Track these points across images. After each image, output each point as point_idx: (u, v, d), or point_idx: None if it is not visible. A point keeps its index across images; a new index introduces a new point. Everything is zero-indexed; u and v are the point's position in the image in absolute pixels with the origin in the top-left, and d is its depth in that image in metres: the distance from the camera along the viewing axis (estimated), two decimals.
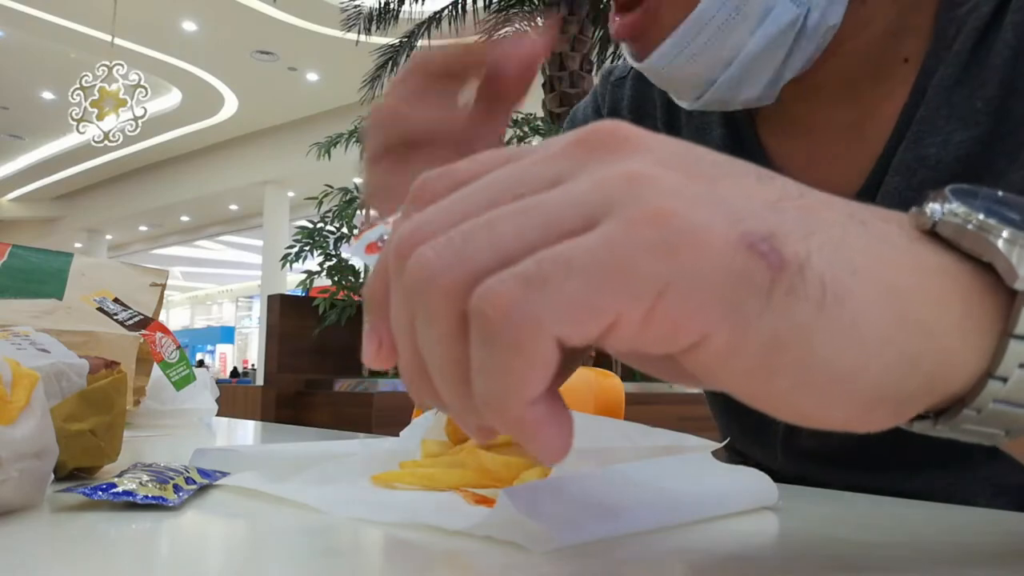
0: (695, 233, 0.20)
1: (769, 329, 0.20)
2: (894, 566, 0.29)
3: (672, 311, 0.20)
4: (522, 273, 0.20)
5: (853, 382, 0.21)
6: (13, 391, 0.33)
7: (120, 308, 0.80)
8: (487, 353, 0.20)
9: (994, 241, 0.22)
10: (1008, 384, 0.22)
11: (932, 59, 0.51)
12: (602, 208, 0.20)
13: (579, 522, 0.29)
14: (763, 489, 0.39)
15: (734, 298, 0.20)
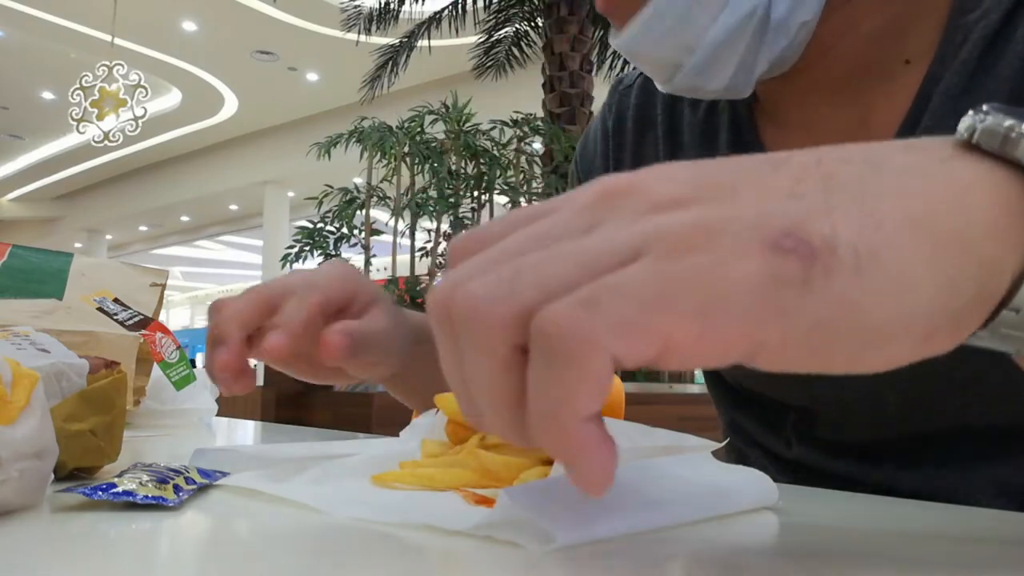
0: (722, 254, 0.21)
1: (814, 313, 0.21)
2: (894, 566, 0.29)
3: (721, 327, 0.21)
4: (578, 297, 0.21)
5: (908, 324, 0.22)
6: (13, 391, 0.33)
7: (120, 308, 0.80)
8: (547, 370, 0.21)
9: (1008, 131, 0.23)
10: None
11: (938, 65, 0.51)
12: (639, 246, 0.22)
13: (579, 522, 0.29)
14: (763, 489, 0.39)
15: (775, 299, 0.21)
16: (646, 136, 0.67)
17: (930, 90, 0.51)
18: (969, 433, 0.53)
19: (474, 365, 0.23)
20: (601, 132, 0.72)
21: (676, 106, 0.66)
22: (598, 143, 0.72)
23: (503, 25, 6.49)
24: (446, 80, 7.44)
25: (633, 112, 0.69)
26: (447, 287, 0.23)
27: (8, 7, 7.93)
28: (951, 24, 0.51)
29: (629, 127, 0.69)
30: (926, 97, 0.51)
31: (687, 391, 5.26)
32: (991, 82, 0.48)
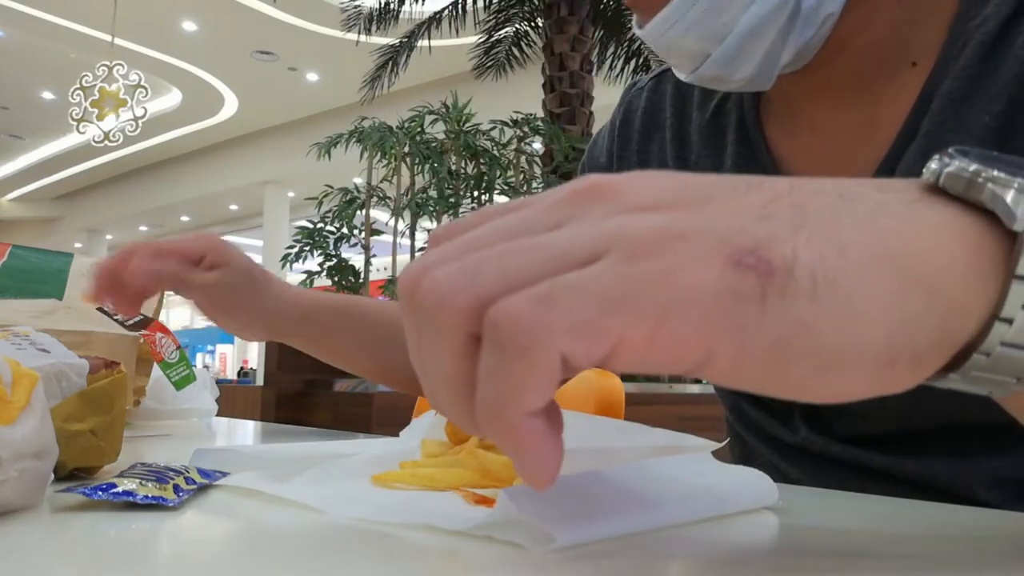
0: (684, 262, 0.21)
1: (770, 332, 0.21)
2: (894, 566, 0.29)
3: (674, 332, 0.21)
4: (535, 293, 0.21)
5: (861, 353, 0.22)
6: (13, 391, 0.33)
7: None
8: (496, 362, 0.22)
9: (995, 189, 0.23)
10: (1014, 326, 0.23)
11: (939, 70, 0.51)
12: (603, 245, 0.22)
13: (579, 522, 0.29)
14: (763, 489, 0.39)
15: (730, 313, 0.21)
16: (653, 137, 0.68)
17: (931, 93, 0.51)
18: (968, 427, 0.53)
19: (431, 349, 0.23)
20: (608, 131, 0.73)
21: (684, 108, 0.66)
22: (605, 141, 0.73)
23: (503, 25, 6.49)
24: (446, 80, 7.44)
25: (642, 113, 0.70)
26: (414, 272, 0.24)
27: (8, 7, 7.93)
28: (954, 29, 0.51)
29: (636, 127, 0.70)
30: (927, 100, 0.51)
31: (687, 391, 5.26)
32: (991, 87, 0.49)
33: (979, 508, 0.42)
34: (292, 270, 4.84)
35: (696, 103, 0.66)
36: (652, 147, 0.68)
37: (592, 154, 0.75)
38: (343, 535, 0.31)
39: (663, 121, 0.68)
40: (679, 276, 0.21)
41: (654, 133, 0.68)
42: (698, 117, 0.65)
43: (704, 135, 0.64)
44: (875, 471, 0.57)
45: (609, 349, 0.21)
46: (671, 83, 0.69)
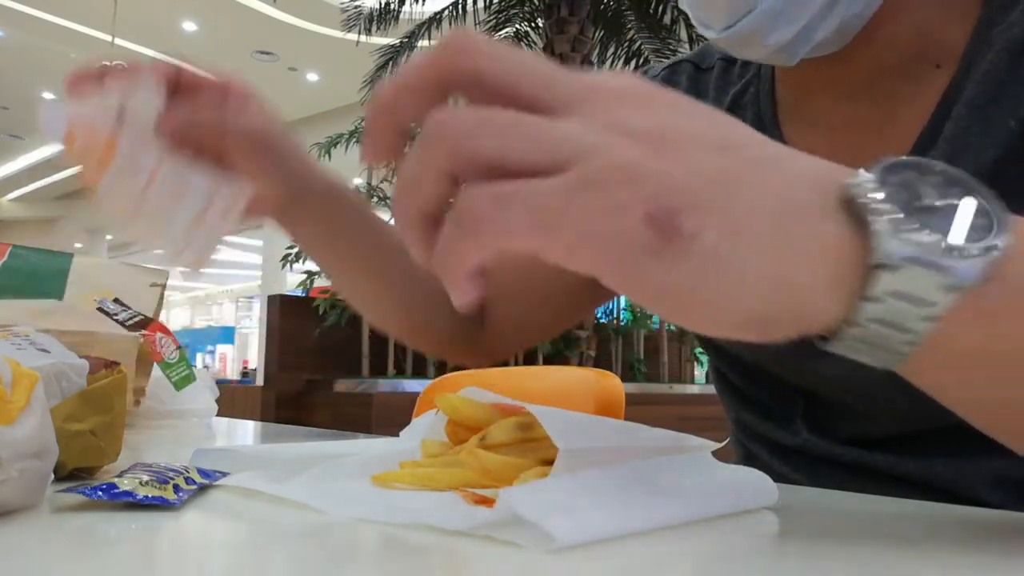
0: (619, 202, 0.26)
1: (654, 279, 0.27)
2: (894, 566, 0.29)
3: (581, 257, 0.26)
4: (497, 192, 0.27)
5: (722, 315, 0.28)
6: (13, 391, 0.33)
7: (120, 308, 0.80)
8: (454, 229, 0.27)
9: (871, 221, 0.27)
10: (860, 330, 0.28)
11: (962, 74, 0.51)
12: (577, 155, 0.26)
13: (578, 522, 0.29)
14: (763, 489, 0.39)
15: (629, 256, 0.26)
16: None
17: (953, 98, 0.51)
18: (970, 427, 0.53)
19: (417, 161, 0.28)
20: None
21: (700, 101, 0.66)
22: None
23: (503, 25, 6.49)
24: None
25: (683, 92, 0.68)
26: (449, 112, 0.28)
27: (8, 7, 7.93)
28: (977, 35, 0.51)
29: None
30: (949, 104, 0.51)
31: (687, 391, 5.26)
32: (1019, 92, 0.48)
33: (979, 508, 0.42)
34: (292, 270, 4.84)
35: (711, 98, 0.65)
36: None
37: None
38: (343, 535, 0.31)
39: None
40: (603, 218, 0.26)
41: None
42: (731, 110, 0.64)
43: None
44: (876, 472, 0.57)
45: (535, 251, 0.27)
46: (685, 76, 0.68)
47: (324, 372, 4.42)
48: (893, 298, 0.27)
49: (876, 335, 0.28)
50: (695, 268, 0.26)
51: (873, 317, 0.28)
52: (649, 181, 0.26)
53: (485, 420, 0.41)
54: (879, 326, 0.28)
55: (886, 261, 0.27)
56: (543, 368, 3.80)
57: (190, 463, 0.43)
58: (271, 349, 4.47)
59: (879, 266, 0.27)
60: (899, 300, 0.27)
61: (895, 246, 0.27)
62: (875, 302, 0.27)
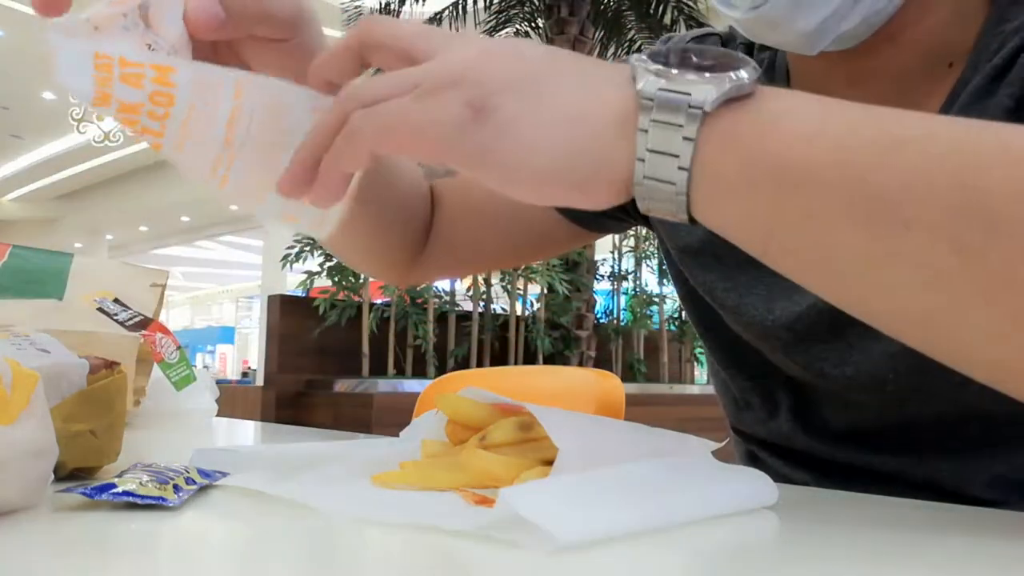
0: (444, 102, 0.36)
1: (469, 145, 0.36)
2: (894, 566, 0.29)
3: (420, 145, 0.37)
4: (367, 109, 0.37)
5: (527, 174, 0.36)
6: (13, 391, 0.33)
7: (120, 308, 0.80)
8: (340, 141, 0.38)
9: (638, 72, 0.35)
10: (645, 164, 0.35)
11: (970, 71, 0.52)
12: (418, 80, 0.37)
13: (578, 522, 0.29)
14: (763, 489, 0.39)
15: (449, 133, 0.36)
16: None
17: (960, 91, 0.52)
18: (966, 423, 0.53)
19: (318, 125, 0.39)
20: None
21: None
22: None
23: (503, 25, 6.49)
24: None
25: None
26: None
27: (8, 7, 7.93)
28: (987, 30, 0.52)
29: None
30: (955, 97, 0.52)
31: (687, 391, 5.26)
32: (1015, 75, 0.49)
33: (980, 508, 0.42)
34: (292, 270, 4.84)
35: None
36: None
37: None
38: (343, 535, 0.31)
39: None
40: (436, 109, 0.36)
41: None
42: None
43: None
44: (881, 475, 0.57)
45: (391, 149, 0.37)
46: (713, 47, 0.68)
47: (324, 372, 4.42)
48: (656, 127, 0.34)
49: (656, 167, 0.35)
50: (495, 130, 0.35)
51: (649, 148, 0.34)
52: (468, 81, 0.36)
53: (485, 420, 0.41)
54: (655, 156, 0.35)
55: (644, 98, 0.35)
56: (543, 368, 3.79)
57: (190, 463, 0.43)
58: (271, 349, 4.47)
59: (641, 104, 0.35)
60: (661, 128, 0.34)
61: (651, 85, 0.35)
62: (644, 132, 0.34)
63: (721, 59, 0.36)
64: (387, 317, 4.54)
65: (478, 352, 4.74)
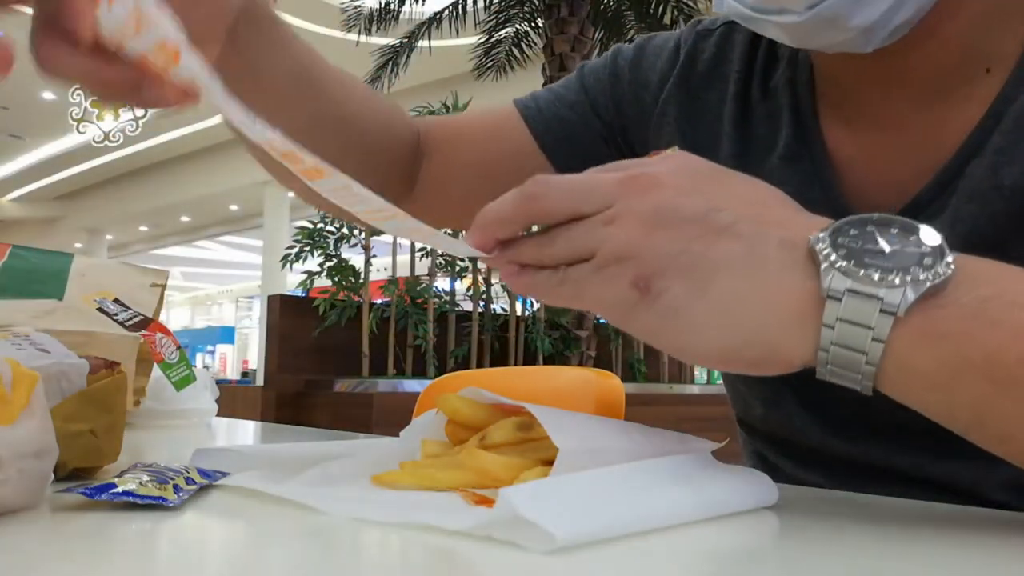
0: (613, 278, 0.38)
1: (638, 326, 0.38)
2: (894, 566, 0.29)
3: (597, 310, 0.39)
4: (547, 279, 0.40)
5: (695, 353, 0.38)
6: (13, 391, 0.33)
7: (120, 308, 0.80)
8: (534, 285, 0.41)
9: (821, 263, 0.35)
10: (830, 354, 0.35)
11: (1012, 86, 0.50)
12: (592, 248, 0.38)
13: (578, 522, 0.29)
14: (763, 489, 0.39)
15: (619, 310, 0.38)
16: (714, 85, 0.65)
17: (1002, 109, 0.50)
18: None
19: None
20: (669, 56, 0.68)
21: (751, 70, 0.63)
22: (662, 61, 0.68)
23: (503, 25, 6.49)
24: (446, 80, 7.44)
25: (708, 58, 0.66)
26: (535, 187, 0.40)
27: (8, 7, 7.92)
28: None
29: (700, 71, 0.66)
30: (997, 115, 0.50)
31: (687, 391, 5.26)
32: None
33: (983, 509, 0.42)
34: (292, 270, 4.84)
35: (758, 73, 0.63)
36: (711, 96, 0.64)
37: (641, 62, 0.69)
38: (343, 535, 0.31)
39: (728, 73, 0.64)
40: (606, 285, 0.38)
41: (716, 82, 0.65)
42: (757, 93, 0.62)
43: (761, 113, 0.61)
44: (898, 475, 0.56)
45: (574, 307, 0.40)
46: (742, 35, 0.65)
47: (324, 372, 4.42)
48: (842, 324, 0.34)
49: (842, 358, 0.35)
50: (660, 316, 0.37)
51: (834, 341, 0.34)
52: (632, 258, 0.37)
53: (485, 420, 0.41)
54: (840, 349, 0.34)
55: (831, 294, 0.34)
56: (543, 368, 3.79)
57: (190, 463, 0.43)
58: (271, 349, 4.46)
59: (828, 298, 0.34)
60: (848, 325, 0.34)
61: (839, 283, 0.34)
62: (829, 328, 0.34)
63: (905, 237, 0.35)
64: (387, 317, 4.53)
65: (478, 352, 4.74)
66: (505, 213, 0.40)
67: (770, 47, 0.63)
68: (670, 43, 0.69)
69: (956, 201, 0.51)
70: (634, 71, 0.70)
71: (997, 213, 0.49)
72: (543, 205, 0.39)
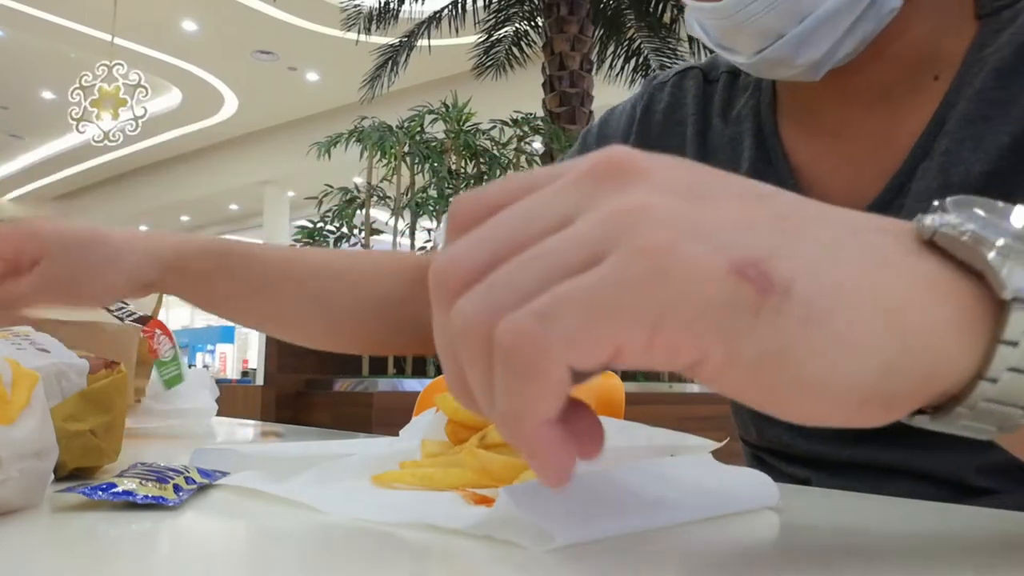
0: (686, 263, 0.21)
1: (759, 344, 0.22)
2: (894, 566, 0.29)
3: (670, 337, 0.22)
4: (535, 309, 0.22)
5: (839, 387, 0.23)
6: (13, 391, 0.33)
7: (120, 305, 0.80)
8: (507, 378, 0.22)
9: (985, 253, 0.23)
10: (998, 385, 0.23)
11: (954, 92, 0.53)
12: (605, 244, 0.22)
13: (578, 521, 0.29)
14: (764, 490, 0.38)
15: (725, 320, 0.21)
16: (673, 132, 0.68)
17: (945, 114, 0.53)
18: None
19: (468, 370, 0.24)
20: (627, 116, 0.73)
21: (707, 111, 0.67)
22: (622, 125, 0.73)
23: (503, 25, 6.49)
24: (446, 80, 7.43)
25: (664, 107, 0.70)
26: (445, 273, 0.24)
27: (8, 7, 7.92)
28: (971, 54, 0.53)
29: (657, 119, 0.70)
30: (941, 120, 0.53)
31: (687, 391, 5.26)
32: (1012, 110, 0.51)
33: (980, 508, 0.42)
34: None
35: (716, 110, 0.67)
36: (672, 142, 0.68)
37: (604, 131, 0.74)
38: (343, 535, 0.31)
39: (685, 116, 0.68)
40: (680, 280, 0.21)
41: (674, 128, 0.69)
42: (719, 124, 0.66)
43: (723, 142, 0.65)
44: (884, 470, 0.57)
45: (610, 355, 0.22)
46: (694, 82, 0.69)
47: (324, 371, 4.41)
48: None
49: (1015, 391, 0.24)
50: (801, 325, 0.22)
51: (1013, 366, 0.23)
52: (709, 231, 0.22)
53: (485, 420, 0.41)
54: (1017, 375, 0.23)
55: (1019, 295, 0.23)
56: None
57: (190, 463, 0.43)
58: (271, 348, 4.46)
59: (1015, 301, 0.23)
60: None
61: (1019, 277, 0.23)
62: (1010, 345, 0.23)
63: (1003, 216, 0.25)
64: None
65: None
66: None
67: (732, 79, 0.67)
68: (628, 105, 0.74)
69: (909, 202, 0.54)
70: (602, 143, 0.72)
71: None
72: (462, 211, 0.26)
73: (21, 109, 10.41)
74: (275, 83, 9.70)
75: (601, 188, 0.23)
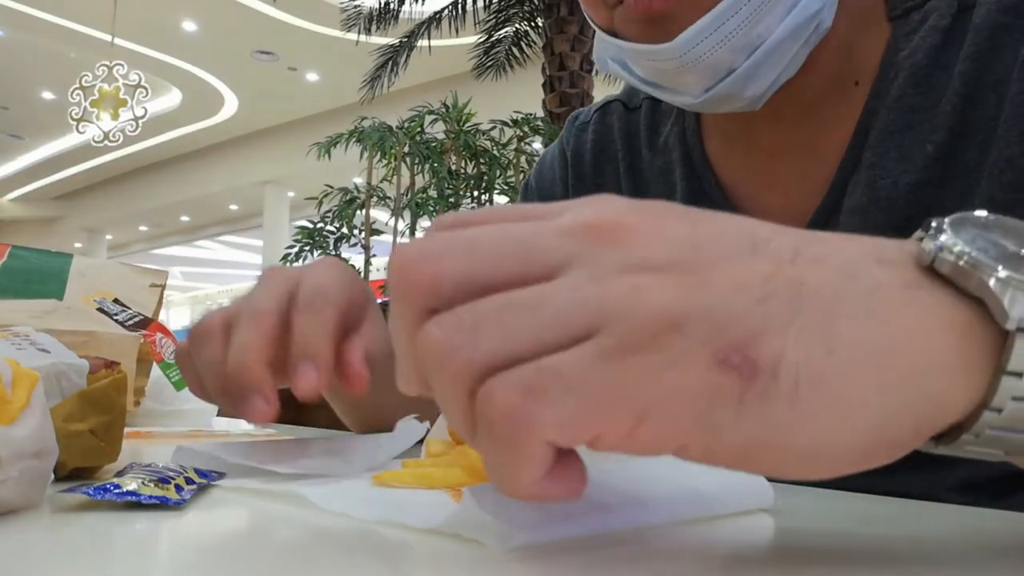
0: (675, 357, 0.21)
1: (744, 432, 0.22)
2: (893, 566, 0.29)
3: (651, 430, 0.22)
4: (523, 381, 0.22)
5: (836, 450, 0.23)
6: (13, 391, 0.34)
7: (120, 308, 0.80)
8: (490, 446, 0.23)
9: (986, 280, 0.23)
10: (1003, 414, 0.23)
11: (873, 99, 0.52)
12: (600, 318, 0.22)
13: (539, 521, 0.29)
14: (757, 491, 0.38)
15: (708, 413, 0.21)
16: (605, 169, 0.68)
17: (868, 123, 0.52)
18: None
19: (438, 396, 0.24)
20: (560, 161, 0.72)
21: (633, 144, 0.66)
22: (556, 169, 0.72)
23: (503, 25, 6.48)
24: (446, 80, 7.43)
25: (591, 146, 0.69)
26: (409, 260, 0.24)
27: (8, 7, 7.92)
28: (886, 58, 0.52)
29: (587, 159, 0.69)
30: (865, 130, 0.52)
31: None
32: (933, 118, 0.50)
33: (979, 508, 0.42)
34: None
35: (643, 139, 0.66)
36: (606, 179, 0.68)
37: (542, 180, 0.73)
38: (343, 535, 0.31)
39: (614, 153, 0.67)
40: (664, 376, 0.21)
41: (606, 165, 0.68)
42: (647, 155, 0.65)
43: (654, 173, 0.64)
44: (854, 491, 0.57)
45: (592, 439, 0.22)
46: (616, 116, 0.68)
47: None
48: None
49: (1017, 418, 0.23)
50: (789, 405, 0.21)
51: (1018, 395, 0.23)
52: (695, 319, 0.21)
53: None
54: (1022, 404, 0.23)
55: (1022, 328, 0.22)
56: None
57: (171, 460, 0.43)
58: None
59: (1020, 331, 0.22)
60: None
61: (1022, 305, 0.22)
62: (1014, 376, 0.23)
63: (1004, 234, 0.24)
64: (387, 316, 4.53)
65: None
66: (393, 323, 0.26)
67: (654, 104, 0.66)
68: (557, 150, 0.73)
69: (844, 218, 0.53)
70: (543, 194, 0.73)
71: (879, 226, 0.51)
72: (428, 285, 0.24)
73: (21, 109, 10.41)
74: (275, 83, 9.70)
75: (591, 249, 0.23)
